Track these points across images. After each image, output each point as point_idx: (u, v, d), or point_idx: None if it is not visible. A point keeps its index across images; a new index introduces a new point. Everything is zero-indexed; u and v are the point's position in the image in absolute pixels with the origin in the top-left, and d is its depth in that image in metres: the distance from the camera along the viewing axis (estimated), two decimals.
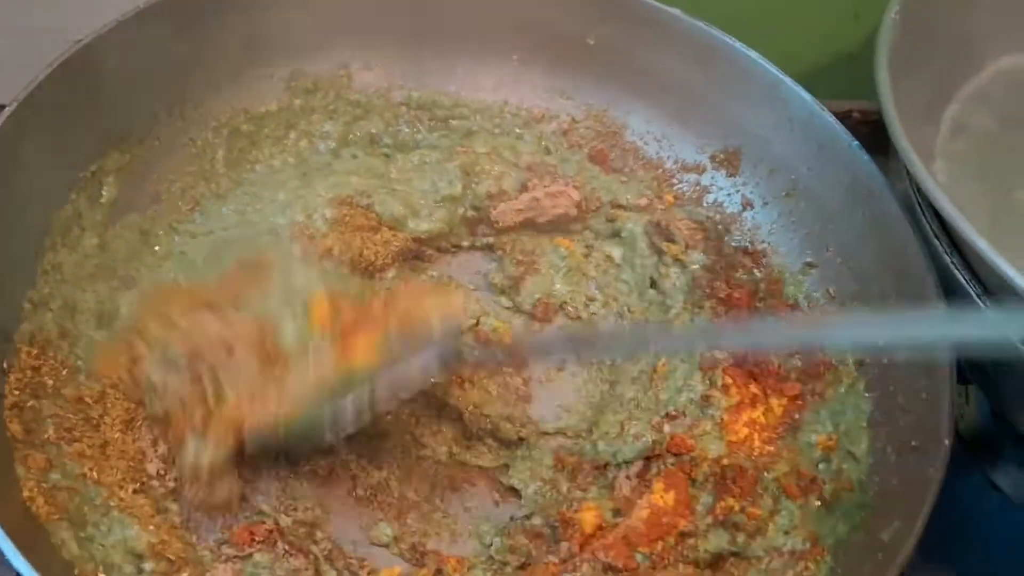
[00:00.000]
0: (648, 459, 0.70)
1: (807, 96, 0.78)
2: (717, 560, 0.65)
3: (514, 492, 0.71)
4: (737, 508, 0.66)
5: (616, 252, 0.81)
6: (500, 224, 0.80)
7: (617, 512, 0.67)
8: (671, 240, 0.78)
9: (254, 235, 0.77)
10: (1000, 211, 0.77)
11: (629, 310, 0.79)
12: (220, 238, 0.77)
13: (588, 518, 0.66)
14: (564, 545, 0.66)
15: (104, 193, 0.73)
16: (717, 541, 0.65)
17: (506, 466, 0.71)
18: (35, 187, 0.68)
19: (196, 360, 0.64)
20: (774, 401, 0.71)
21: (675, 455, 0.69)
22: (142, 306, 0.70)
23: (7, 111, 0.66)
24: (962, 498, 0.79)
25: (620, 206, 0.82)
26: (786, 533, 0.65)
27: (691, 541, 0.66)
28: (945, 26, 0.82)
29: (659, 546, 0.65)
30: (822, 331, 0.68)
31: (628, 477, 0.69)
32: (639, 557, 0.65)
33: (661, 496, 0.67)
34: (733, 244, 0.81)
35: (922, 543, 0.59)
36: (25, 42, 0.88)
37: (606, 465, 0.70)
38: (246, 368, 0.63)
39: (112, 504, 0.63)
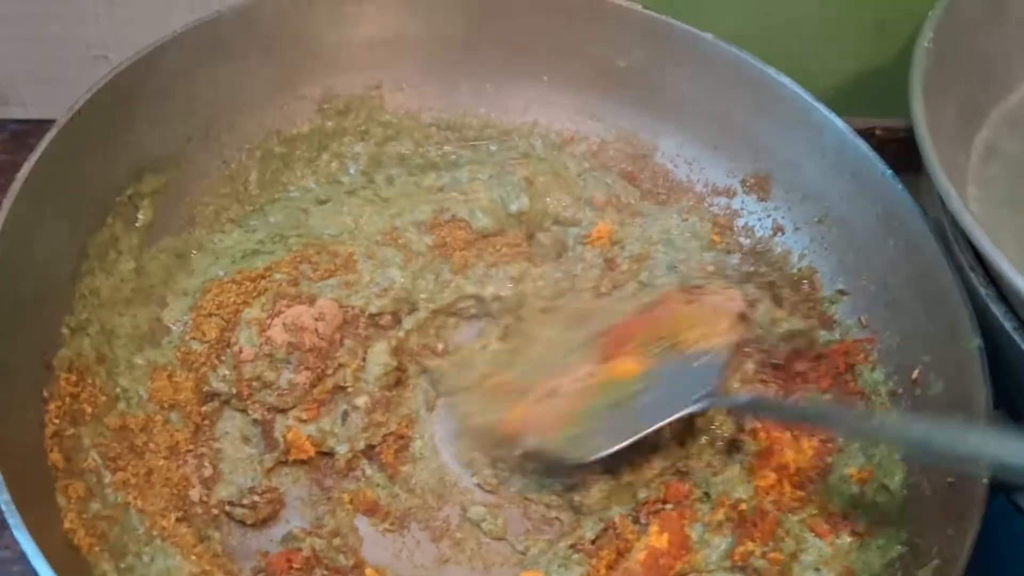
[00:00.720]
0: (647, 503, 0.70)
1: (840, 123, 0.77)
2: None
3: None
4: (758, 553, 0.66)
5: None
6: None
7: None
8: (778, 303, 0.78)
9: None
10: None
11: None
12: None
13: None
14: None
15: (140, 216, 0.73)
16: None
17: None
18: (72, 211, 0.68)
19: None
20: (805, 443, 0.71)
21: (675, 502, 0.69)
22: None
23: (48, 137, 0.66)
24: (986, 522, 0.79)
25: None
26: (816, 570, 0.65)
27: None
28: (976, 50, 0.81)
29: None
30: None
31: (627, 518, 0.70)
32: None
33: (656, 538, 0.67)
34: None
35: None
36: (46, 54, 0.89)
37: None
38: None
39: (155, 533, 0.63)
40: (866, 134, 0.96)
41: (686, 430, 0.73)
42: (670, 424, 0.69)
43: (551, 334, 0.77)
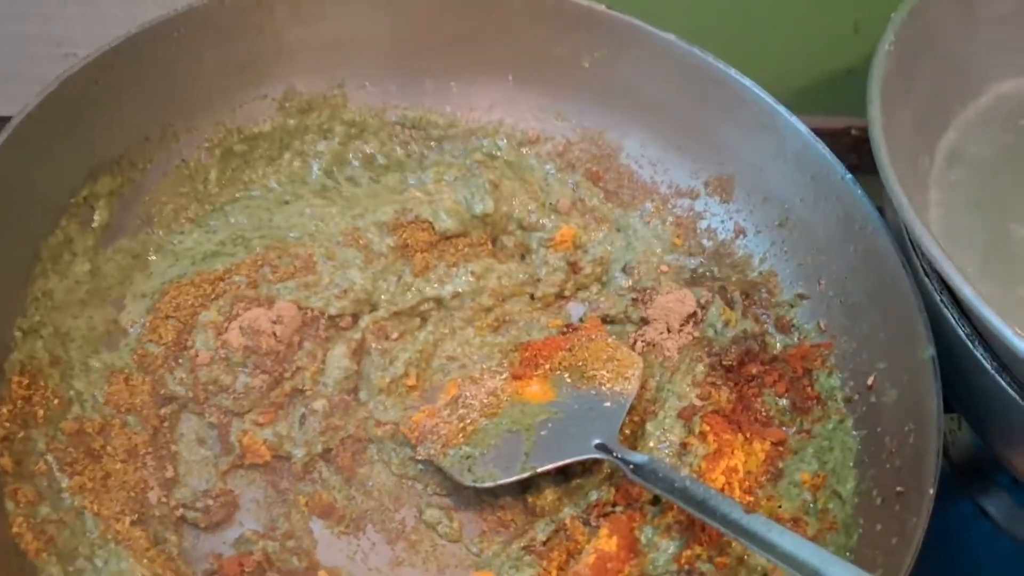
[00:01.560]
0: (597, 505, 0.70)
1: (802, 127, 0.77)
2: None
3: None
4: (704, 557, 0.66)
5: None
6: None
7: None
8: (730, 305, 0.79)
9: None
10: (994, 243, 0.76)
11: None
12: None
13: None
14: None
15: (96, 218, 0.73)
16: None
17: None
18: (24, 213, 0.68)
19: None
20: (757, 446, 0.71)
21: (625, 504, 0.69)
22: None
23: (4, 134, 0.65)
24: (951, 525, 0.79)
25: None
26: (764, 575, 0.65)
27: None
28: (943, 51, 0.81)
29: None
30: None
31: (577, 519, 0.70)
32: None
33: (607, 541, 0.67)
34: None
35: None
36: (16, 52, 0.89)
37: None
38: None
39: (109, 537, 0.63)
40: (842, 133, 0.98)
41: (636, 433, 0.73)
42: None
43: (470, 334, 0.78)
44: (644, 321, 0.79)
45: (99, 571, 0.62)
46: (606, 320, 0.80)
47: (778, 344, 0.77)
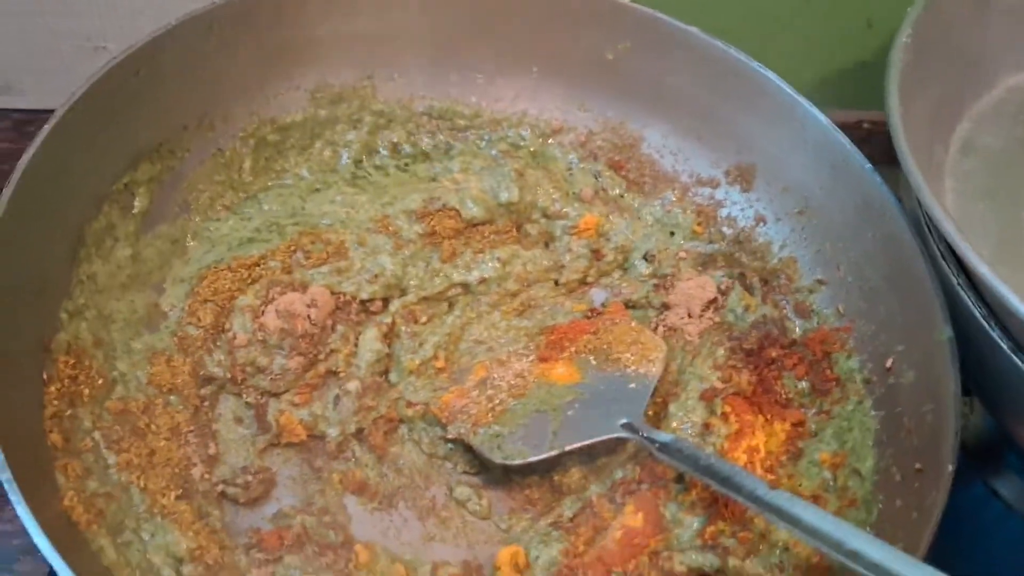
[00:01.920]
0: (622, 483, 0.72)
1: (822, 117, 0.79)
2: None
3: None
4: (728, 532, 0.68)
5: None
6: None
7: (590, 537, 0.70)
8: (749, 292, 0.81)
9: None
10: (1008, 231, 0.78)
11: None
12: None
13: (505, 557, 0.69)
14: None
15: (136, 204, 0.75)
16: (701, 560, 0.67)
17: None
18: (70, 199, 0.70)
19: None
20: (777, 427, 0.73)
21: (650, 482, 0.71)
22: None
23: (46, 128, 0.68)
24: (964, 506, 0.80)
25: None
26: (786, 550, 0.67)
27: (665, 554, 0.68)
28: (957, 44, 0.82)
29: (631, 565, 0.68)
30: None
31: (603, 497, 0.71)
32: None
33: (632, 517, 0.69)
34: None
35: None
36: (47, 45, 0.91)
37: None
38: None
39: (155, 511, 0.65)
40: (854, 126, 0.99)
41: (659, 414, 0.75)
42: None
43: (496, 318, 0.80)
44: (665, 306, 0.81)
45: (146, 543, 0.64)
46: (628, 305, 0.82)
47: (797, 329, 0.79)
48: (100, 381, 0.69)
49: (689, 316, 0.80)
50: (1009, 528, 0.81)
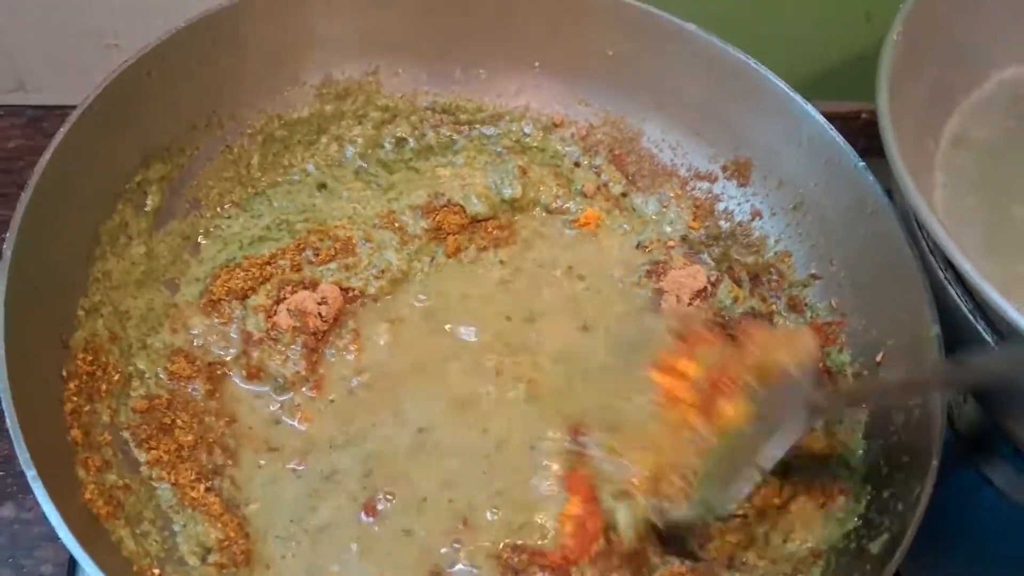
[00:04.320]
0: None
1: (816, 114, 0.81)
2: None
3: None
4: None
5: None
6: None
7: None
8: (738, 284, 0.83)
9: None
10: (997, 225, 0.79)
11: None
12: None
13: None
14: None
15: (148, 202, 0.77)
16: None
17: None
18: (86, 198, 0.72)
19: None
20: None
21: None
22: None
23: (63, 128, 0.69)
24: (958, 492, 0.82)
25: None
26: (784, 541, 0.70)
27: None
28: (948, 38, 0.83)
29: (594, 548, 0.68)
30: None
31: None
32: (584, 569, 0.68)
33: (573, 506, 0.70)
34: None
35: (914, 538, 0.62)
36: (60, 44, 0.92)
37: None
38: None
39: (186, 503, 0.68)
40: (853, 117, 1.01)
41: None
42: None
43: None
44: (658, 292, 0.83)
45: (176, 534, 0.67)
46: None
47: (789, 324, 0.81)
48: (116, 376, 0.71)
49: (678, 302, 0.82)
50: (1000, 513, 0.82)
